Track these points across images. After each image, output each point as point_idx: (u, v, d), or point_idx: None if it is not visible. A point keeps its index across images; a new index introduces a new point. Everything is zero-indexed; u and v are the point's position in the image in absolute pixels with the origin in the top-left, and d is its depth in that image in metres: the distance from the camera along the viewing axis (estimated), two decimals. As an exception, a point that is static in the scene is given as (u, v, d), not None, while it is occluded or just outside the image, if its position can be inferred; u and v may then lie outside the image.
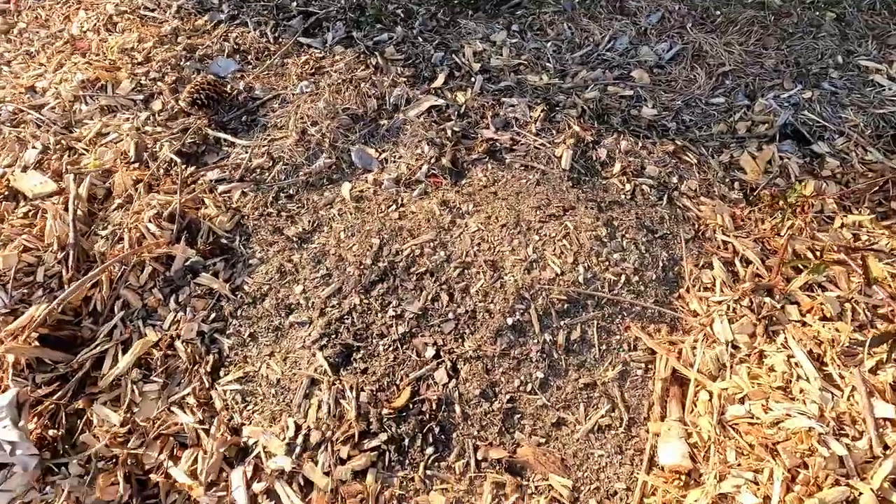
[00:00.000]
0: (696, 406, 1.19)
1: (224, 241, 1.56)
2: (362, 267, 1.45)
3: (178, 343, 1.35)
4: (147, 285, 1.44)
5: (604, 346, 1.31)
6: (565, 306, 1.34)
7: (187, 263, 1.48)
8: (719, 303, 1.36)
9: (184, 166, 1.70)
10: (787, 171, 1.73)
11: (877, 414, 1.06)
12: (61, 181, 1.62)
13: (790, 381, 1.15)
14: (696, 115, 1.93)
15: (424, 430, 1.19)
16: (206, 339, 1.39)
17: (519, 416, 1.23)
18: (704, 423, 1.14)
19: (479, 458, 1.17)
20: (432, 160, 1.72)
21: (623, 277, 1.40)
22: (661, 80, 2.01)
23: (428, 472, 1.16)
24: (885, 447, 1.03)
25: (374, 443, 1.18)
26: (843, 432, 1.06)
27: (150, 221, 1.51)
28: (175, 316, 1.40)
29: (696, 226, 1.60)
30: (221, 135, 1.85)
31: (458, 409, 1.22)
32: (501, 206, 1.55)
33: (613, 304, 1.36)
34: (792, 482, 1.00)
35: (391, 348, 1.32)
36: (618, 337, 1.32)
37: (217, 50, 2.13)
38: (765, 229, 1.58)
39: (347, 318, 1.38)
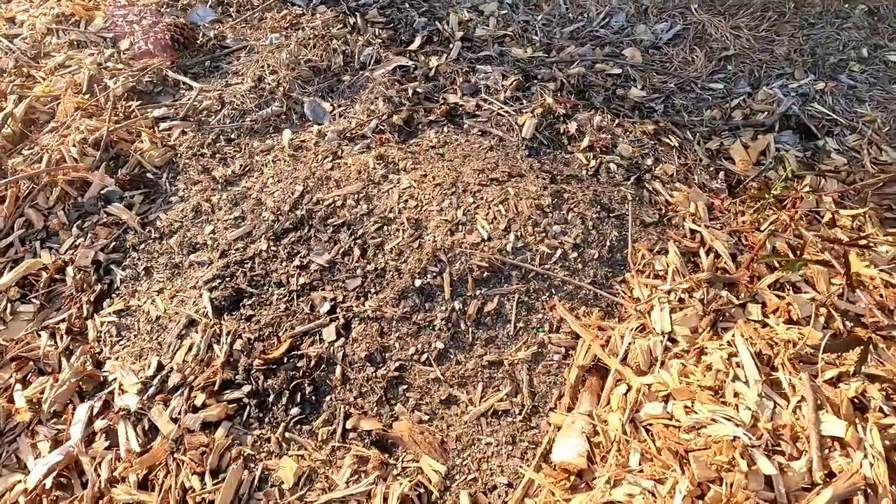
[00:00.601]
0: (610, 400, 1.00)
1: (150, 175, 1.49)
2: (279, 213, 1.33)
3: (69, 268, 1.27)
4: (54, 207, 1.37)
5: (521, 324, 1.13)
6: (485, 274, 1.18)
7: (103, 192, 1.40)
8: (667, 292, 1.16)
9: (125, 99, 1.65)
10: (782, 163, 1.51)
11: (824, 431, 0.84)
12: (5, 101, 1.59)
13: (724, 383, 0.94)
14: (689, 99, 1.73)
15: (294, 388, 1.04)
16: (100, 268, 1.30)
17: (405, 387, 1.06)
18: (614, 419, 0.95)
19: (349, 426, 1.02)
20: (384, 117, 1.60)
21: (559, 252, 1.22)
22: (654, 61, 1.83)
23: (287, 435, 1.01)
24: (829, 474, 0.81)
25: (236, 394, 1.04)
26: (778, 449, 0.85)
27: (73, 145, 1.45)
28: (74, 241, 1.32)
29: (663, 211, 1.40)
30: (181, 77, 1.80)
31: (338, 370, 1.07)
32: (442, 167, 1.41)
33: (542, 278, 1.18)
34: (699, 499, 0.80)
35: (285, 298, 1.19)
36: (539, 315, 1.14)
37: (201, 0, 2.10)
38: (744, 222, 1.37)
39: (248, 263, 1.26)
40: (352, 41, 1.90)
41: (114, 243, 1.32)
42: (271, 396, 1.04)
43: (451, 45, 1.90)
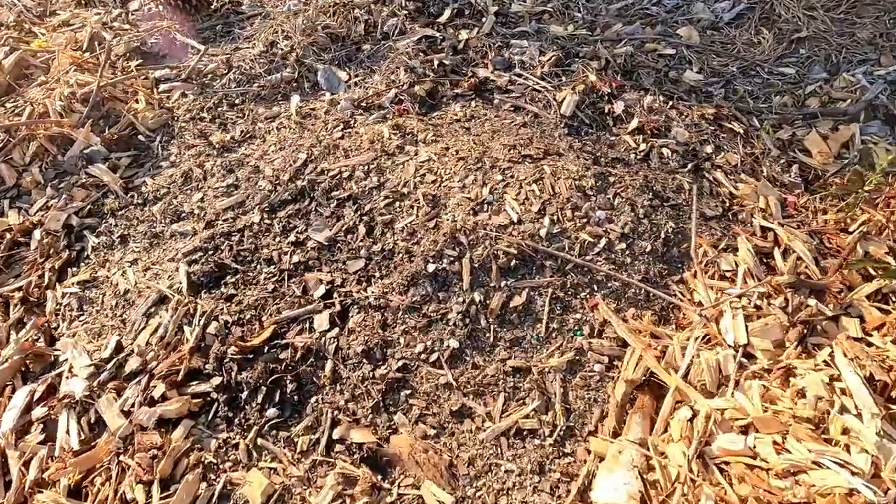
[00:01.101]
0: (669, 427, 0.78)
1: (141, 137, 1.33)
2: (277, 182, 1.16)
3: (36, 231, 1.11)
4: (31, 164, 1.23)
5: (554, 324, 0.92)
6: (513, 263, 0.97)
7: (86, 151, 1.25)
8: (738, 296, 0.94)
9: (127, 59, 1.51)
10: (870, 157, 1.27)
11: (979, 489, 0.61)
12: (-4, 54, 1.47)
13: (827, 415, 0.72)
14: (755, 84, 1.51)
15: (273, 384, 0.85)
16: (71, 233, 1.14)
17: (408, 392, 0.86)
18: (676, 452, 0.73)
19: (336, 436, 0.82)
20: (405, 87, 1.42)
21: (603, 241, 1.01)
22: (714, 42, 1.62)
23: (259, 441, 0.82)
24: None
25: (203, 387, 0.85)
26: (910, 509, 0.62)
27: (60, 99, 1.31)
28: (47, 202, 1.17)
29: (728, 204, 1.18)
30: (189, 40, 1.66)
31: (328, 366, 0.88)
32: (467, 141, 1.22)
33: (582, 271, 0.97)
34: (802, 573, 0.58)
35: (274, 278, 1.01)
36: (578, 315, 0.93)
37: (220, -34, 1.97)
38: (826, 222, 1.14)
39: (236, 236, 1.08)
40: (375, 11, 1.73)
41: (90, 207, 1.17)
42: (245, 392, 0.85)
43: (483, 20, 1.72)
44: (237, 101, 1.44)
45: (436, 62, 1.53)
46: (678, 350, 0.87)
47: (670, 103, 1.43)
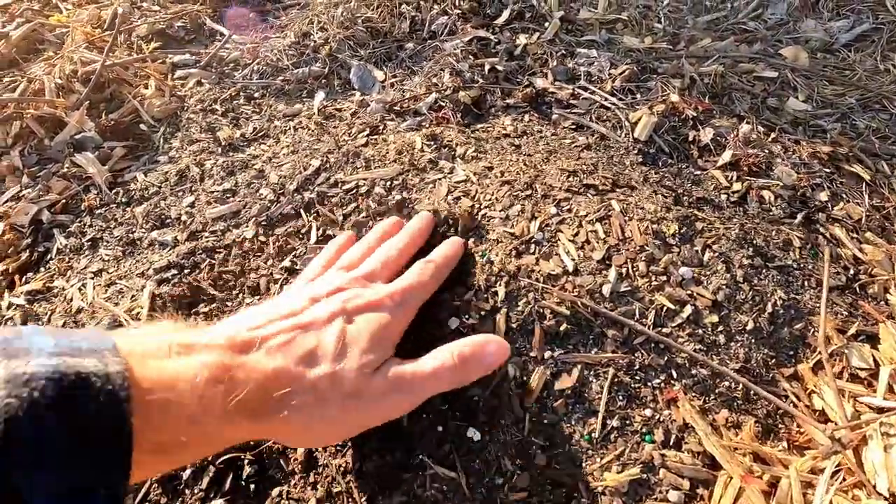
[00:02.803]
0: None
1: (143, 127, 1.17)
2: (281, 192, 0.96)
3: None
4: (12, 147, 1.08)
5: (615, 421, 0.67)
6: (563, 327, 0.73)
7: (77, 136, 1.10)
8: (880, 410, 0.66)
9: (147, 41, 1.37)
10: None
11: None
12: (10, 26, 1.36)
13: None
14: (880, 121, 1.22)
15: (225, 464, 0.64)
16: (40, 230, 0.97)
17: (404, 498, 0.63)
18: None
19: (296, 553, 0.59)
20: (447, 92, 1.21)
21: (688, 309, 0.75)
22: (827, 66, 1.33)
23: (194, 546, 0.60)
24: None
25: (136, 455, 0.65)
26: None
27: (59, 77, 1.17)
28: (20, 191, 1.02)
29: (852, 272, 0.90)
30: (218, 27, 1.52)
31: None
32: (516, 160, 0.98)
33: (658, 348, 0.72)
34: None
35: (257, 313, 0.80)
36: (648, 412, 0.68)
37: (265, -46, 1.84)
38: None
39: (221, 253, 0.88)
40: (425, 7, 1.54)
41: (67, 201, 1.00)
42: (188, 471, 0.64)
43: (546, 24, 1.50)
44: (256, 95, 1.27)
45: (486, 67, 1.31)
46: (797, 486, 0.60)
47: (772, 135, 1.16)
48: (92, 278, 0.88)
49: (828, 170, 1.07)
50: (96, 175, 1.01)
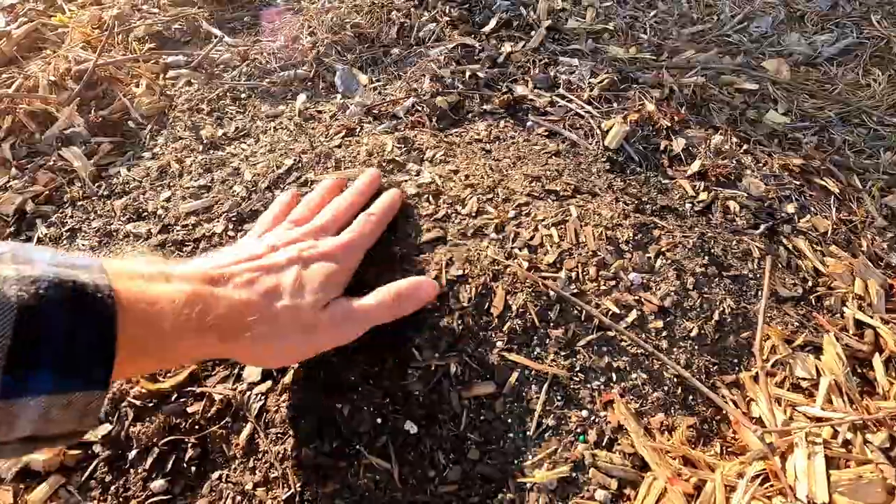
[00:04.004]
0: None
1: (131, 124, 1.22)
2: (253, 189, 0.99)
3: (-15, 213, 1.00)
4: (4, 139, 1.13)
5: (549, 421, 0.68)
6: (507, 325, 0.74)
7: (66, 131, 1.15)
8: (817, 420, 0.66)
9: (142, 42, 1.42)
10: None
11: None
12: (13, 25, 1.42)
13: None
14: (858, 135, 1.22)
15: (169, 446, 0.66)
16: (23, 220, 1.02)
17: (337, 486, 0.64)
18: None
19: (228, 534, 0.61)
20: (426, 97, 1.24)
21: (634, 314, 0.76)
22: (809, 80, 1.34)
23: (133, 523, 0.63)
24: None
25: (89, 435, 0.68)
26: None
27: (52, 74, 1.22)
28: (7, 182, 1.06)
29: (810, 283, 0.90)
30: (214, 30, 1.56)
31: (246, 431, 0.67)
32: (482, 165, 1.01)
33: (599, 351, 0.73)
34: None
35: (217, 304, 0.83)
36: (584, 412, 0.69)
37: (266, -40, 1.89)
38: (952, 326, 0.84)
39: (189, 246, 0.92)
40: (414, 14, 1.58)
41: (51, 193, 1.05)
42: (133, 451, 0.67)
43: (532, 33, 1.52)
44: (243, 96, 1.31)
45: (468, 74, 1.34)
46: (720, 490, 0.61)
47: (745, 147, 1.16)
48: (67, 266, 0.91)
49: (798, 182, 1.08)
50: (80, 169, 1.06)
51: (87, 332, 0.32)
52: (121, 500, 0.64)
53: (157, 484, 0.64)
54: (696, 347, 0.75)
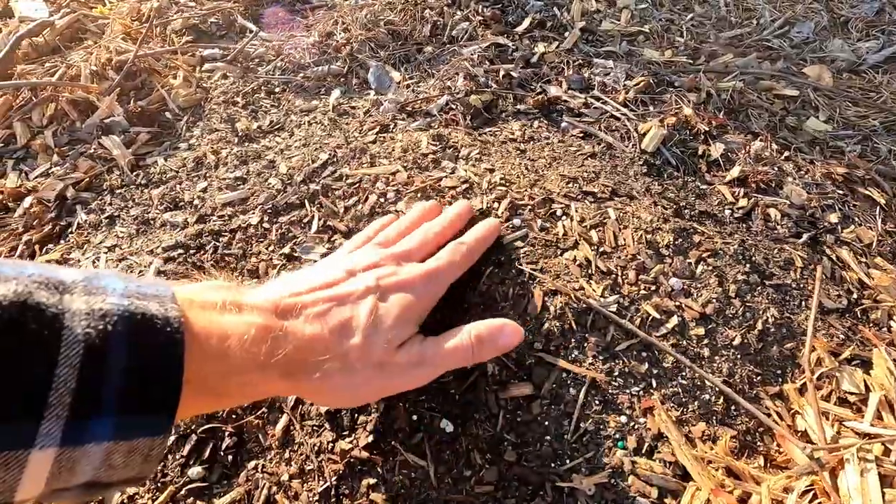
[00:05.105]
0: None
1: (169, 115, 1.23)
2: (288, 182, 1.00)
3: (28, 199, 1.02)
4: (47, 127, 1.15)
5: (588, 425, 0.67)
6: (545, 326, 0.73)
7: (106, 120, 1.17)
8: (867, 436, 0.64)
9: (180, 35, 1.44)
10: None
11: None
12: (56, 16, 1.45)
13: None
14: (904, 145, 1.18)
15: (207, 433, 0.67)
16: (64, 205, 1.03)
17: (374, 480, 0.64)
18: None
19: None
20: (459, 95, 1.23)
21: (674, 320, 0.75)
22: (852, 87, 1.30)
23: (170, 508, 0.63)
24: None
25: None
26: None
27: (94, 64, 1.24)
28: (49, 168, 1.08)
29: (856, 296, 0.87)
30: (249, 24, 1.58)
31: (282, 422, 0.67)
32: (518, 165, 1.00)
33: (639, 356, 0.72)
34: None
35: (253, 295, 0.83)
36: (623, 418, 0.68)
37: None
38: None
39: (226, 236, 0.92)
40: (448, 13, 1.58)
41: (91, 180, 1.06)
42: (172, 437, 0.67)
43: (566, 34, 1.51)
44: (277, 90, 1.32)
45: (501, 73, 1.33)
46: (767, 504, 0.59)
47: (786, 154, 1.14)
48: (105, 253, 0.93)
49: (841, 191, 1.05)
50: (120, 157, 1.07)
51: (153, 374, 0.30)
52: (159, 485, 0.64)
53: (195, 471, 0.65)
54: (739, 356, 0.73)
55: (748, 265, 0.85)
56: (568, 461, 0.65)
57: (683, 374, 0.71)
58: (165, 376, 0.31)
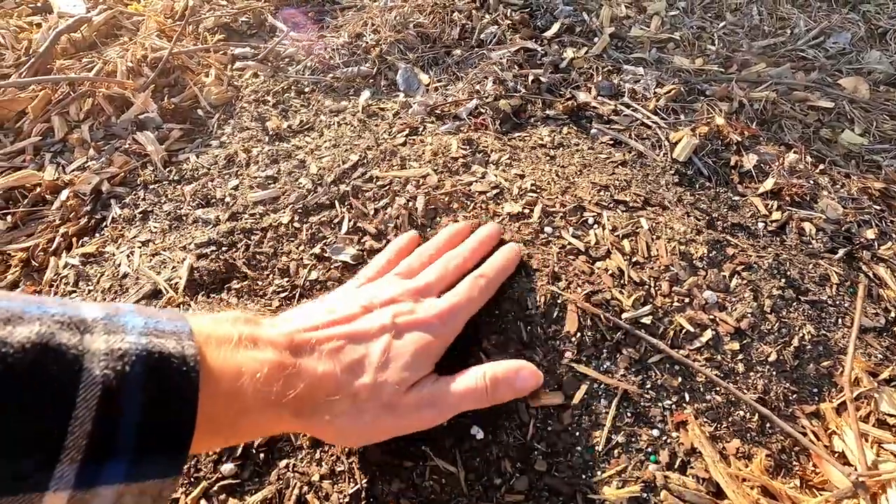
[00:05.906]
0: None
1: (201, 112, 1.25)
2: (319, 182, 1.01)
3: (64, 191, 1.04)
4: (83, 121, 1.17)
5: (619, 437, 0.66)
6: (576, 336, 0.73)
7: (140, 116, 1.18)
8: (908, 461, 0.63)
9: (212, 33, 1.46)
10: None
11: None
12: (94, 12, 1.48)
13: None
14: (943, 160, 1.15)
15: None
16: (99, 199, 1.05)
17: (403, 485, 0.64)
18: None
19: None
20: (489, 99, 1.23)
21: (708, 334, 0.74)
22: (890, 100, 1.27)
23: (202, 504, 0.64)
24: None
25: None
26: None
27: (130, 61, 1.26)
28: (85, 162, 1.10)
29: (893, 315, 0.85)
30: (279, 23, 1.60)
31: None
32: (548, 171, 0.99)
33: (672, 369, 0.71)
34: None
35: (285, 294, 0.84)
36: (655, 431, 0.67)
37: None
38: None
39: (257, 235, 0.93)
40: (476, 17, 1.58)
41: (125, 175, 1.08)
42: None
43: (595, 40, 1.50)
44: (306, 90, 1.33)
45: (530, 78, 1.33)
46: (804, 526, 0.58)
47: (820, 167, 1.12)
48: (140, 247, 0.94)
49: (878, 207, 1.03)
50: (153, 153, 1.09)
51: (167, 415, 0.30)
52: (192, 480, 0.65)
53: (227, 468, 0.65)
54: (775, 373, 0.72)
55: (783, 280, 0.84)
56: (599, 473, 0.64)
57: (717, 388, 0.70)
58: (179, 418, 0.31)
